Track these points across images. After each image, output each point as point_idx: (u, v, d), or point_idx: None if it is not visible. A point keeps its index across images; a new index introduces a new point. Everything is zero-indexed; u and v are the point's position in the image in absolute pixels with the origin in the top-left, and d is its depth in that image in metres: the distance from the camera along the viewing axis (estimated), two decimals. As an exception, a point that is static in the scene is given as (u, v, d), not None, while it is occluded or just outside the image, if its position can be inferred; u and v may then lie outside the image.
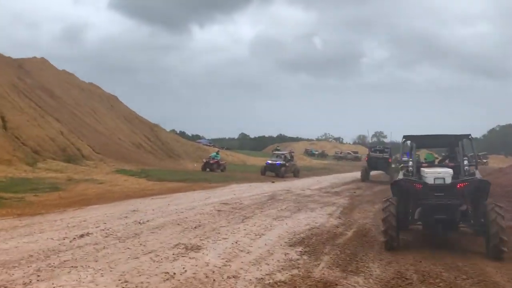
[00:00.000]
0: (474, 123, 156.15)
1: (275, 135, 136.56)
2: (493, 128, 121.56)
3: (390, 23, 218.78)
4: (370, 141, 63.02)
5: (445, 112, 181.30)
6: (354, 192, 18.37)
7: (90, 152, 28.52)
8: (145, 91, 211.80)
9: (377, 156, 26.42)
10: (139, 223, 8.92)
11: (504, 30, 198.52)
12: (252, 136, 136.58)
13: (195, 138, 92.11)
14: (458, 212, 7.45)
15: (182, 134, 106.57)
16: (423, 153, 11.66)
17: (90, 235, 7.63)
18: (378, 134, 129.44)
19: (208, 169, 28.43)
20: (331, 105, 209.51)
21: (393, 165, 26.96)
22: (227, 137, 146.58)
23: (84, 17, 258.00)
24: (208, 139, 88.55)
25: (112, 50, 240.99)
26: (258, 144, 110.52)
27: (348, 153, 73.39)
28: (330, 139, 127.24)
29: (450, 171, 7.65)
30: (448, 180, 7.44)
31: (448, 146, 9.54)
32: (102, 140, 31.88)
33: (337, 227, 9.55)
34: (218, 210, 11.10)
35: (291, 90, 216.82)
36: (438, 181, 7.45)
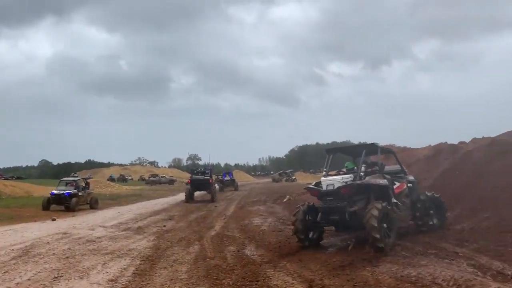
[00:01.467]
0: (278, 144, 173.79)
1: (83, 160, 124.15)
2: (292, 148, 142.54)
3: (194, 51, 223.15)
4: (185, 164, 61.52)
5: (253, 136, 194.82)
6: (164, 226, 13.96)
7: None
8: None
9: (199, 178, 27.69)
10: None
11: (291, 64, 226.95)
12: (55, 162, 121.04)
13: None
14: (349, 213, 8.06)
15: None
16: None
17: None
18: (193, 157, 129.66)
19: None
20: (144, 129, 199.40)
21: (216, 185, 29.15)
22: (24, 165, 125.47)
23: None
24: (-4, 169, 71.93)
25: None
26: (63, 171, 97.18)
27: (162, 176, 68.50)
28: (145, 163, 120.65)
29: (339, 178, 8.46)
30: (337, 186, 8.25)
31: (360, 155, 9.63)
32: None
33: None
34: None
35: (99, 114, 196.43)
36: (330, 187, 8.36)
